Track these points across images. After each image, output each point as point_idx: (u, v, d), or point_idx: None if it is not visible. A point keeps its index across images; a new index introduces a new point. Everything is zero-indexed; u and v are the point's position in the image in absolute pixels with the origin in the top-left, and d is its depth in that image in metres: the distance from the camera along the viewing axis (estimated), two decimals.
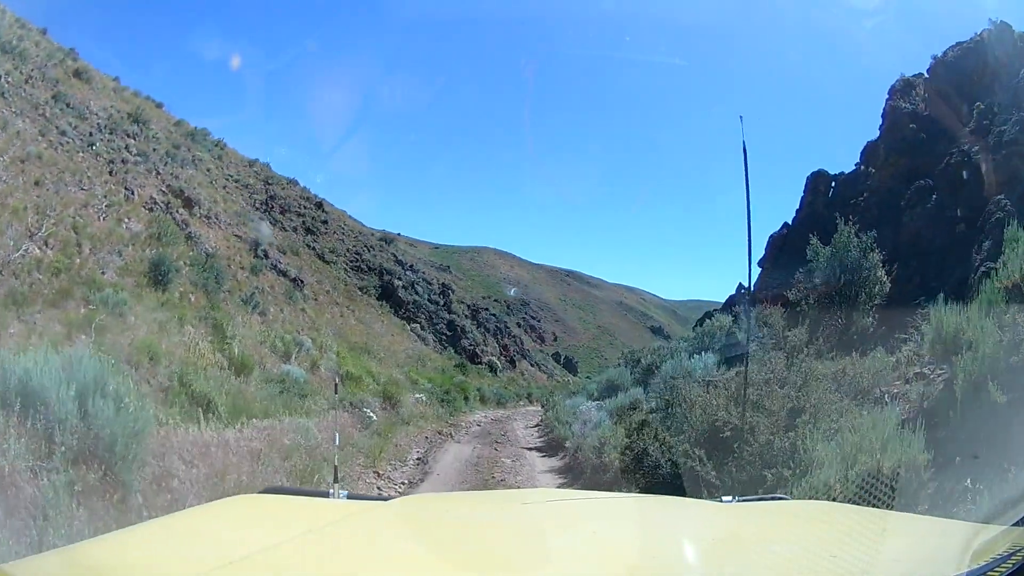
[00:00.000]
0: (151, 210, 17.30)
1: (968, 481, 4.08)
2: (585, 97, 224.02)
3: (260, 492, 2.53)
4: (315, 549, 1.55)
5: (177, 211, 18.65)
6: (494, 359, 39.94)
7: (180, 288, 14.83)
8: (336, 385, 12.37)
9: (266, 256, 23.30)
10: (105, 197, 16.04)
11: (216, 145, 36.06)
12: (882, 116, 14.39)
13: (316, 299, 24.09)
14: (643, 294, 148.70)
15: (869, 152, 14.53)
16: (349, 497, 2.16)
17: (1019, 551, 1.26)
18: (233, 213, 26.12)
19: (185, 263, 16.14)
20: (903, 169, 12.36)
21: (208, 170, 29.58)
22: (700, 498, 3.88)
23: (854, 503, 3.57)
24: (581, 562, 1.55)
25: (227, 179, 32.55)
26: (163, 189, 19.70)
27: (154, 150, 22.49)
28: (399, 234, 43.92)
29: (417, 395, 17.47)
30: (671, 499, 3.93)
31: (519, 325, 62.33)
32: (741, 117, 4.78)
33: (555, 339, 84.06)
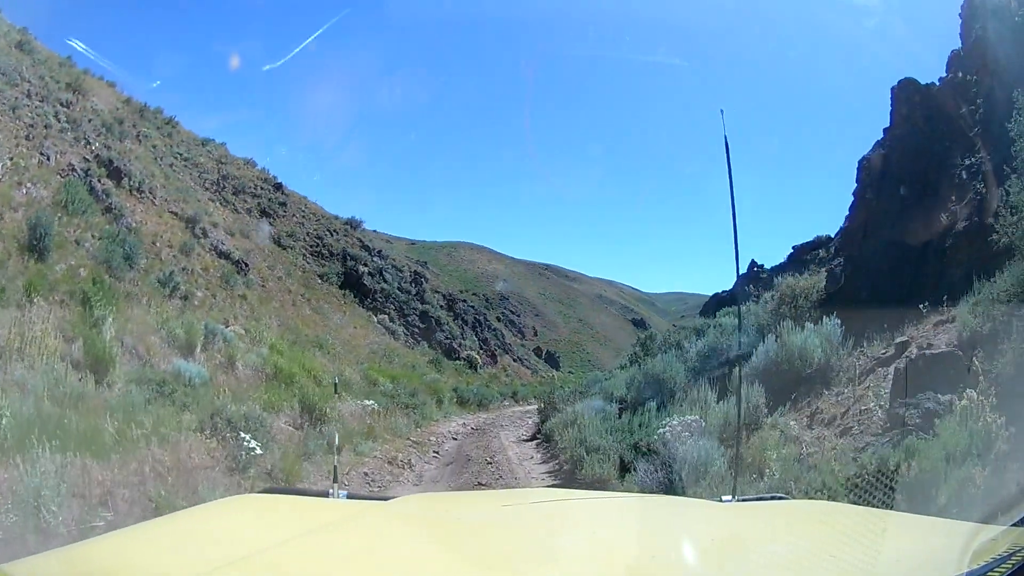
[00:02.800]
0: (66, 177, 15.17)
1: None
2: (573, 94, 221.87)
3: (260, 492, 2.75)
4: (315, 549, 1.54)
5: (99, 180, 16.46)
6: (473, 354, 35.40)
7: (71, 260, 12.12)
8: (335, 385, 11.40)
9: (204, 235, 20.11)
10: (11, 161, 13.71)
11: (167, 123, 34.01)
12: (961, 15, 11.56)
13: (264, 285, 21.14)
14: (622, 287, 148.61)
15: (956, 59, 11.71)
16: (349, 497, 2.12)
17: (1019, 551, 1.26)
18: (174, 190, 23.94)
19: (94, 235, 13.76)
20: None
21: (154, 147, 27.42)
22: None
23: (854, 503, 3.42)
24: (581, 562, 1.54)
25: (175, 157, 30.69)
26: (87, 158, 17.60)
27: (89, 120, 20.39)
28: (375, 230, 40.27)
29: (367, 401, 12.59)
30: (671, 499, 4.20)
31: (499, 319, 59.38)
32: (722, 111, 3.40)
33: (535, 334, 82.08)
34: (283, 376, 10.67)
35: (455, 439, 14.44)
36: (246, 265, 20.79)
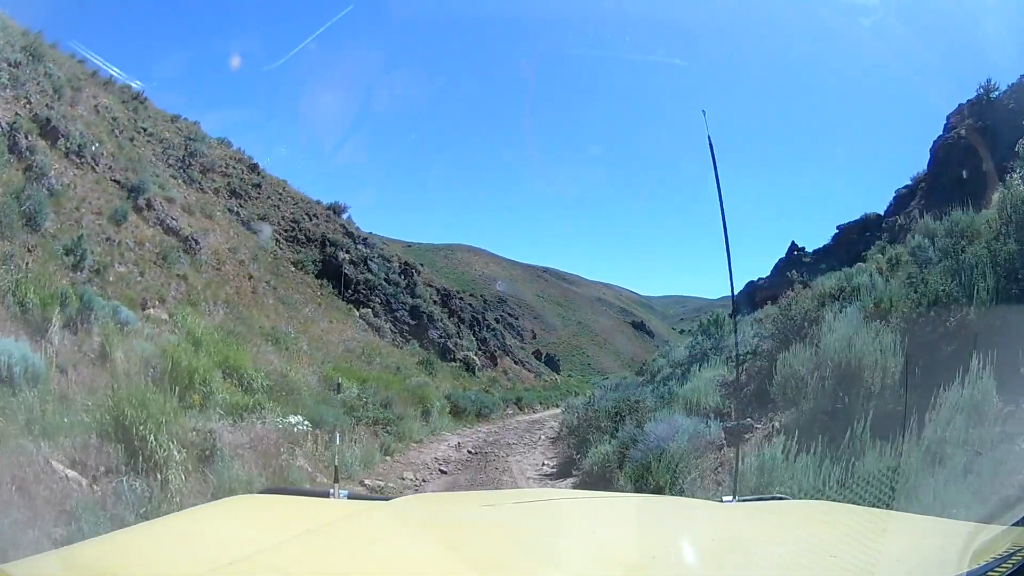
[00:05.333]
0: None
1: None
2: (571, 96, 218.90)
3: (260, 492, 2.80)
4: (315, 549, 1.52)
5: (26, 136, 14.74)
6: (471, 355, 31.68)
7: None
8: (339, 384, 10.51)
9: (149, 207, 16.71)
10: None
11: (134, 98, 31.43)
12: None
13: (219, 268, 18.19)
14: (620, 290, 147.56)
15: None
16: (349, 497, 2.09)
17: (1019, 551, 1.23)
18: (125, 159, 21.38)
19: None
20: None
21: (114, 119, 24.71)
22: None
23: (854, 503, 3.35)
24: (581, 562, 1.52)
25: (138, 131, 27.69)
26: (19, 113, 15.74)
27: (37, 82, 18.44)
28: (370, 232, 36.35)
29: (292, 419, 8.05)
30: (671, 499, 4.17)
31: (497, 321, 56.03)
32: (704, 111, 3.91)
33: (534, 337, 79.27)
34: (181, 375, 7.19)
35: (443, 473, 10.12)
36: (196, 243, 17.46)
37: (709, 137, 2.82)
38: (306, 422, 8.11)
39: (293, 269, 25.48)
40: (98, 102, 25.23)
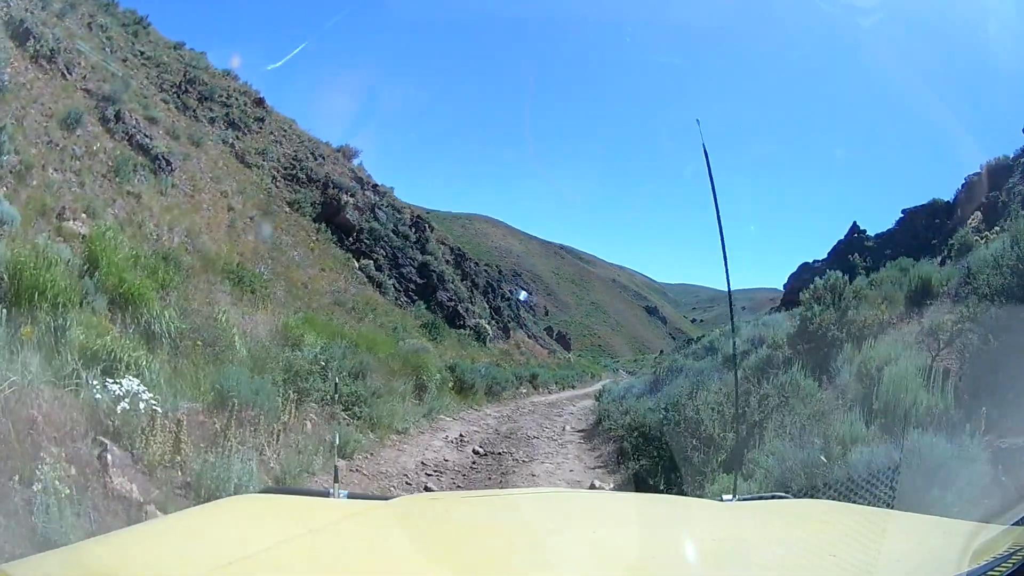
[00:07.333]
0: None
1: None
2: (583, 93, 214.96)
3: (260, 492, 2.81)
4: (316, 549, 1.51)
5: None
6: (483, 323, 28.48)
7: None
8: (335, 385, 8.91)
9: (118, 119, 14.27)
10: None
11: (136, 22, 29.56)
12: None
13: (192, 195, 15.42)
14: (634, 274, 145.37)
15: None
16: (349, 496, 2.04)
17: (1020, 550, 1.21)
18: (108, 73, 18.72)
19: None
20: None
21: (109, 38, 23.15)
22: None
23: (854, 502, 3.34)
24: (581, 562, 1.50)
25: (134, 54, 25.18)
26: None
27: None
28: (391, 187, 32.81)
29: (120, 384, 4.22)
30: (671, 498, 4.08)
31: (511, 294, 53.62)
32: (698, 121, 2.62)
33: (546, 313, 76.84)
34: (23, 295, 4.68)
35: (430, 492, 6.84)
36: (168, 164, 15.07)
37: (704, 147, 2.56)
38: (147, 393, 4.45)
39: (288, 209, 22.96)
40: (93, 21, 22.86)
